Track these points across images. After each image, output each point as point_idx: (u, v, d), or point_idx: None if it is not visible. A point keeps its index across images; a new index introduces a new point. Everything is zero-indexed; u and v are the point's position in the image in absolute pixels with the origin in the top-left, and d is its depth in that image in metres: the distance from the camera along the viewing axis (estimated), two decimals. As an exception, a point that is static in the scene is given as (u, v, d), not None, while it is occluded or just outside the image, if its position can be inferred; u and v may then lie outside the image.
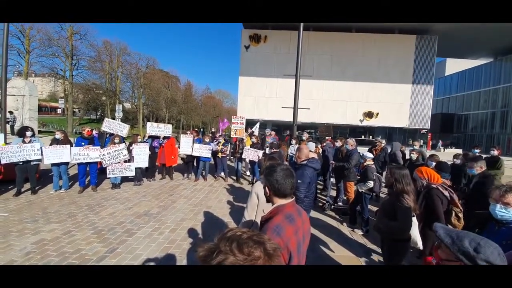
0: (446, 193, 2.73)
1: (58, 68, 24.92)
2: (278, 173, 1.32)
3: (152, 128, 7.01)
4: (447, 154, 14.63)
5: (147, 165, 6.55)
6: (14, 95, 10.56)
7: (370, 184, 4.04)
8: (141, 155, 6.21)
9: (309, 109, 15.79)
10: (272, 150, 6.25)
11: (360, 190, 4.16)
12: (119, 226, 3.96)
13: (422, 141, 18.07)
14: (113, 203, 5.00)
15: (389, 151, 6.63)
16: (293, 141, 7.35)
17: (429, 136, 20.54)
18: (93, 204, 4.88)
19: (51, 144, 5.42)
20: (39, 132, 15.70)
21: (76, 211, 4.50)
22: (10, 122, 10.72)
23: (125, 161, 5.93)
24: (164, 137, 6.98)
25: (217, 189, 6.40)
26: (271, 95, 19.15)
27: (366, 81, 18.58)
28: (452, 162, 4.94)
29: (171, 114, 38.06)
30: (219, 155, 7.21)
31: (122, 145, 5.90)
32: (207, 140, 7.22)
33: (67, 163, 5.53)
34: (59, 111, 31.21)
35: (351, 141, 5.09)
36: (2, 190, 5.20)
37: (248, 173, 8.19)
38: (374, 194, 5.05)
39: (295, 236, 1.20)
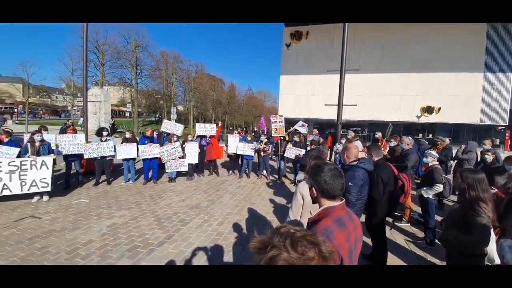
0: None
1: (126, 77, 29.24)
2: (325, 173, 1.24)
3: (200, 128, 7.58)
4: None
5: (197, 162, 7.13)
6: (93, 101, 12.71)
7: (439, 187, 3.48)
8: (192, 152, 6.81)
9: (355, 105, 14.77)
10: (312, 147, 6.07)
11: (425, 196, 3.63)
12: (175, 216, 4.42)
13: (498, 140, 15.03)
14: (170, 195, 5.61)
15: (454, 151, 5.76)
16: (343, 140, 6.93)
17: (507, 134, 16.91)
18: (154, 195, 5.56)
19: (122, 143, 6.39)
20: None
21: (141, 200, 5.20)
22: (109, 125, 13.44)
23: (179, 158, 6.58)
24: (210, 136, 7.48)
25: (259, 187, 6.55)
26: (313, 92, 18.51)
27: (424, 72, 16.34)
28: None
29: (217, 115, 40.44)
30: (262, 153, 7.36)
31: (177, 143, 6.59)
32: (249, 138, 7.45)
33: (134, 159, 6.46)
34: (127, 114, 36.43)
35: (407, 140, 4.59)
36: (85, 180, 6.30)
37: (288, 170, 8.13)
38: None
39: (346, 242, 1.11)
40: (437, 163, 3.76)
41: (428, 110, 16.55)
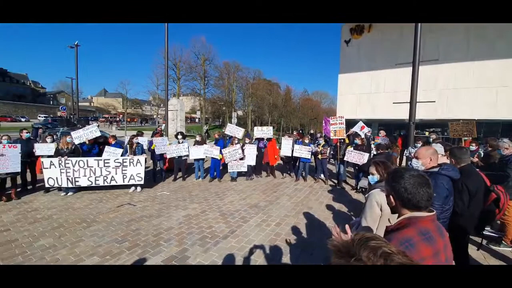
0: None
1: (196, 88, 34.00)
2: (406, 180, 1.09)
3: (258, 132, 7.96)
4: None
5: (254, 163, 7.51)
6: (172, 110, 15.04)
7: None
8: (251, 155, 7.24)
9: (433, 102, 12.64)
10: (379, 151, 5.54)
11: None
12: (236, 213, 4.80)
13: None
14: (232, 193, 6.12)
15: None
16: (419, 143, 6.06)
17: None
18: (219, 192, 6.18)
19: (194, 145, 7.38)
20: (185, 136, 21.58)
21: (208, 196, 5.86)
22: (205, 132, 16.25)
23: (239, 159, 7.11)
24: (267, 139, 7.76)
25: (317, 191, 6.40)
26: (377, 90, 16.71)
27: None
28: None
29: (273, 118, 41.57)
30: (319, 156, 7.16)
31: (238, 146, 7.18)
32: (306, 141, 7.37)
33: (203, 159, 7.36)
34: (197, 120, 42.02)
35: (505, 144, 3.70)
36: (167, 176, 7.48)
37: (349, 176, 7.62)
38: None
39: (434, 259, 0.97)
40: None
41: (543, 104, 12.61)
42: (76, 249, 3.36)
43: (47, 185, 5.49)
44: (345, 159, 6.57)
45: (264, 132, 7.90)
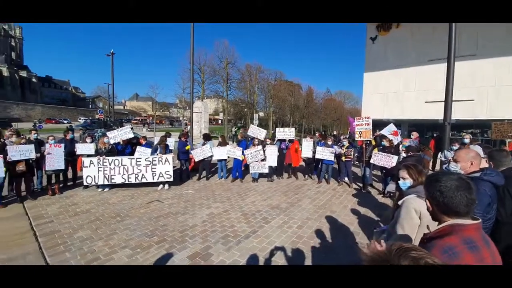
0: None
1: (219, 91, 35.08)
2: (442, 182, 1.03)
3: (280, 133, 7.95)
4: None
5: (276, 165, 7.50)
6: (196, 112, 15.61)
7: None
8: (272, 156, 7.24)
9: (472, 100, 11.59)
10: (409, 154, 5.21)
11: None
12: (258, 213, 4.84)
13: None
14: (253, 194, 6.18)
15: None
16: (455, 146, 5.53)
17: None
18: (240, 192, 6.28)
19: (217, 145, 7.59)
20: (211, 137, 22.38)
21: (230, 196, 5.98)
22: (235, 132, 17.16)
23: (261, 160, 7.16)
24: (289, 140, 7.70)
25: (340, 194, 6.20)
26: (406, 88, 15.71)
27: None
28: None
29: (294, 119, 41.29)
30: (343, 158, 6.93)
31: (259, 147, 7.22)
32: (329, 142, 7.18)
33: (225, 159, 7.55)
34: (220, 121, 43.48)
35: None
36: (192, 175, 7.75)
37: (375, 179, 7.25)
38: None
39: None
40: None
41: None
42: (111, 241, 3.63)
43: (85, 183, 6.00)
44: (371, 161, 6.27)
45: (286, 133, 7.87)
